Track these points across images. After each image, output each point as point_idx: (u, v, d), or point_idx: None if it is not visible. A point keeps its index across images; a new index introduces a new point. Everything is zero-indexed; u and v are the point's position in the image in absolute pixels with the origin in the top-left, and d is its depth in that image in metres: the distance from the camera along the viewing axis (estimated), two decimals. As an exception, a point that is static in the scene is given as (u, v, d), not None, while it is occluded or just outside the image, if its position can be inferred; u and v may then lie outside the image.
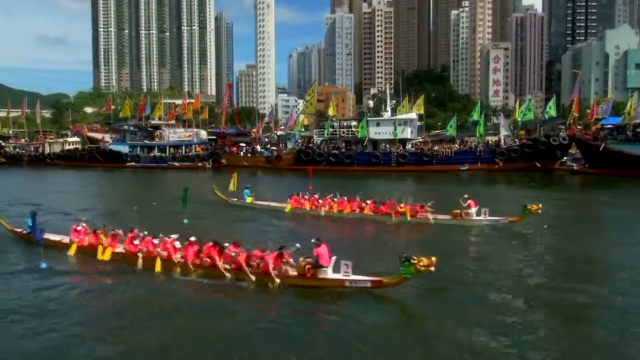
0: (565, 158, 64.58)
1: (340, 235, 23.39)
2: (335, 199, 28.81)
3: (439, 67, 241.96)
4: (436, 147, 65.42)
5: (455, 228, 24.77)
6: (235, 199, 32.30)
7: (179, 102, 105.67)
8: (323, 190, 31.33)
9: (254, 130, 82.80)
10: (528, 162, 59.28)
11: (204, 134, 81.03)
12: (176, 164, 71.89)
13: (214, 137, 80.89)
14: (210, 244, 16.86)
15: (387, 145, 66.30)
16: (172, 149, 75.25)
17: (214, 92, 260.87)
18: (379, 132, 67.28)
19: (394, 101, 73.44)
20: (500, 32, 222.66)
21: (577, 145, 62.39)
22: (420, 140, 70.23)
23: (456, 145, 66.61)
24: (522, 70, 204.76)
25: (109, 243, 18.93)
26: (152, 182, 58.07)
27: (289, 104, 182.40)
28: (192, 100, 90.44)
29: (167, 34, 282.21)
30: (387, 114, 69.42)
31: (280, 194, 32.46)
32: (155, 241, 18.18)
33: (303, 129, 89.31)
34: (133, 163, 73.68)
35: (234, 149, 75.52)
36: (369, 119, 69.98)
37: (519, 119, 68.21)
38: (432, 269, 13.53)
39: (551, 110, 66.76)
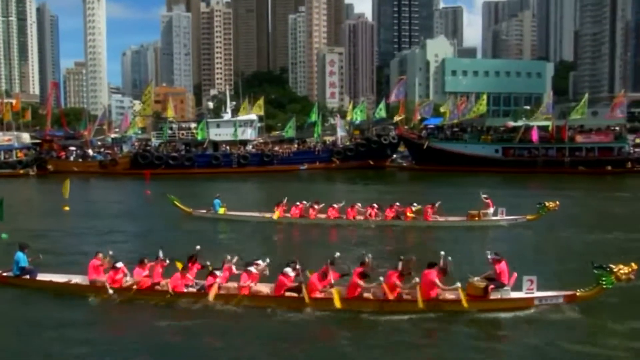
0: (395, 156, 69.76)
1: (364, 243, 21.27)
2: (335, 205, 25.75)
3: (278, 69, 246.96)
4: (276, 148, 66.63)
5: (477, 230, 23.84)
6: (204, 210, 27.45)
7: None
8: (167, 194, 30.26)
9: (85, 133, 77.06)
10: (362, 160, 62.83)
11: (26, 138, 73.45)
12: (-8, 171, 64.32)
13: (39, 140, 73.79)
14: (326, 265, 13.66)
15: (228, 147, 66.01)
16: (-13, 155, 67.17)
17: (37, 92, 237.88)
18: (219, 133, 66.71)
19: (234, 102, 73.30)
20: (335, 37, 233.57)
21: (404, 144, 67.74)
22: (261, 141, 70.95)
23: (295, 146, 68.46)
24: (355, 73, 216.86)
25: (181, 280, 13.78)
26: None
27: (124, 104, 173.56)
28: (12, 100, 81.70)
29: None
30: (227, 115, 69.10)
31: (116, 200, 30.60)
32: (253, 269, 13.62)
33: (139, 132, 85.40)
34: (-62, 172, 64.41)
35: (62, 153, 69.56)
36: (208, 120, 69.08)
37: (353, 120, 72.16)
38: (632, 277, 12.25)
39: (381, 112, 71.72)
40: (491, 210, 24.71)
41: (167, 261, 14.65)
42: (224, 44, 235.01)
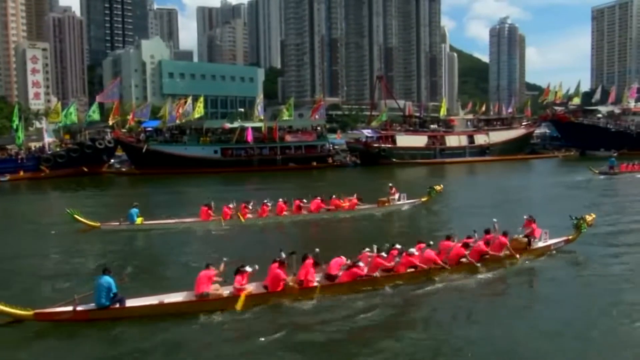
0: (112, 161, 66.60)
1: (311, 235, 23.24)
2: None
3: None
4: (-34, 157, 57.33)
5: (390, 213, 27.11)
6: (116, 223, 23.87)
7: None
8: None
9: None
10: (76, 166, 58.24)
11: None
12: None
13: None
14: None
15: None
16: None
17: None
18: None
19: None
20: (37, 31, 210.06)
21: (122, 148, 65.11)
22: (-56, 149, 60.26)
23: (-8, 153, 59.91)
24: (63, 72, 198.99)
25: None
26: None
27: None
28: None
29: None
30: None
31: None
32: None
33: None
34: None
35: None
36: None
37: (62, 123, 66.22)
38: (593, 223, 18.62)
39: (95, 114, 67.10)
40: (397, 196, 28.63)
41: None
42: None
